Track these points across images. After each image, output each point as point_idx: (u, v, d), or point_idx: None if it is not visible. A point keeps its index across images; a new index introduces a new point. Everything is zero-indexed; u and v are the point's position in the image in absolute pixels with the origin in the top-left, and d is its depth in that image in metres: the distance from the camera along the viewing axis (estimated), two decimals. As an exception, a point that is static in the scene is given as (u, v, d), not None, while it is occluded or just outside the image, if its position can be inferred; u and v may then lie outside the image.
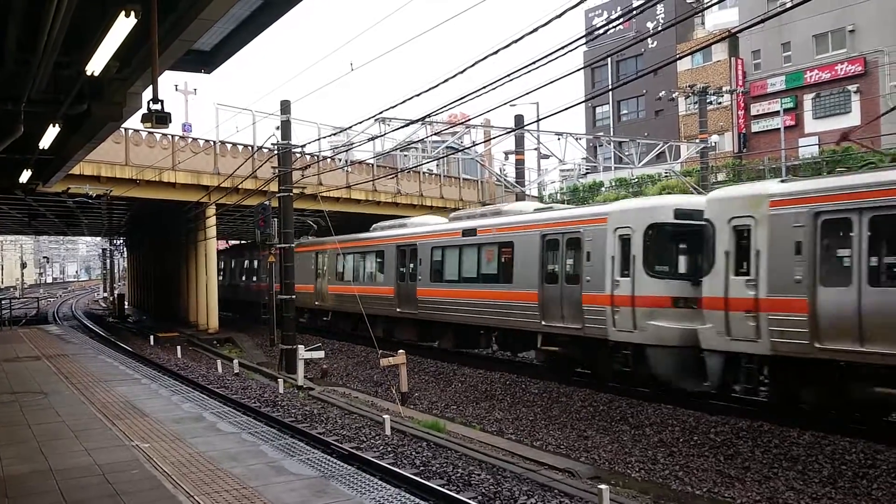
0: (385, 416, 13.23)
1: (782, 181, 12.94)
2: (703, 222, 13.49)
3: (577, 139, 35.60)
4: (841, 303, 10.96)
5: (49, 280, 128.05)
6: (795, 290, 11.62)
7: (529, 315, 17.24)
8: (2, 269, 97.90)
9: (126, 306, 50.76)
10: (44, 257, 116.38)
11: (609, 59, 47.44)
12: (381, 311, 23.24)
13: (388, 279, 23.71)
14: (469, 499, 8.69)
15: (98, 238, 74.85)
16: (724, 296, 12.78)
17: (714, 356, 13.08)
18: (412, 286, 22.20)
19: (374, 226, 27.14)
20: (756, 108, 43.42)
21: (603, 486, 8.45)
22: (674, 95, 37.00)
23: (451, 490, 9.09)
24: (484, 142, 36.24)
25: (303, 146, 23.15)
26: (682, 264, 14.85)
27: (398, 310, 22.88)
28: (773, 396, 12.76)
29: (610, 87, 46.22)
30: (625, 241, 14.88)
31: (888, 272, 10.63)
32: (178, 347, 26.13)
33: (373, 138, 27.89)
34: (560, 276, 16.62)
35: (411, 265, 22.54)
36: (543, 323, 16.82)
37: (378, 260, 24.71)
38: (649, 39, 44.45)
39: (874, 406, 11.34)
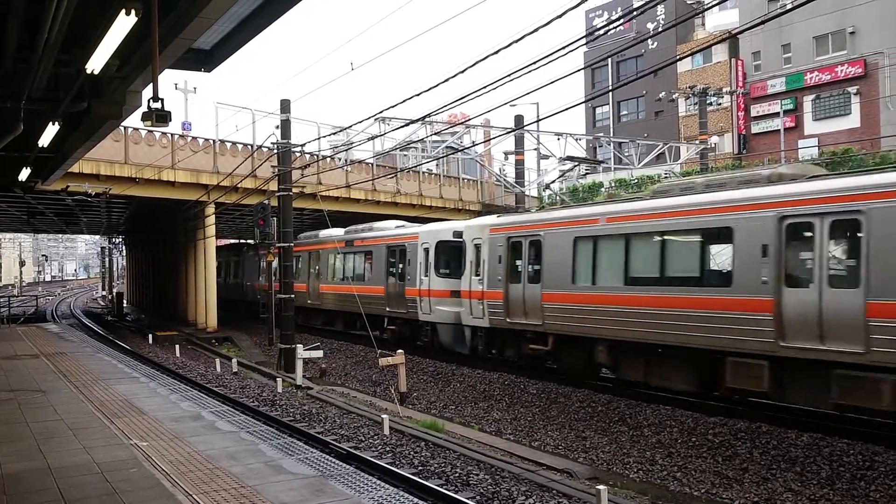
0: (383, 416, 13.23)
1: (499, 216, 20.20)
2: (462, 240, 20.03)
3: (577, 139, 35.60)
4: (517, 293, 17.71)
5: (48, 278, 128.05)
6: (498, 286, 18.24)
7: (380, 304, 23.56)
8: (0, 267, 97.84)
9: (125, 305, 50.73)
10: (42, 255, 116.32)
11: (609, 59, 47.46)
12: (300, 303, 26.82)
13: (305, 278, 29.32)
14: (467, 499, 8.69)
15: (97, 236, 74.84)
16: (469, 289, 19.36)
17: (467, 329, 19.93)
18: (318, 284, 28.73)
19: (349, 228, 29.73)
20: (756, 110, 43.43)
21: (601, 487, 8.45)
22: (674, 96, 37.04)
23: (449, 490, 9.09)
24: (484, 142, 36.24)
25: (302, 145, 23.14)
26: (455, 268, 20.58)
27: (309, 301, 29.03)
28: (487, 352, 19.21)
29: (610, 87, 46.26)
30: (426, 252, 21.49)
31: (534, 274, 17.36)
32: (177, 346, 26.13)
33: (372, 138, 27.89)
34: (396, 276, 23.07)
35: (317, 267, 29.26)
36: (388, 309, 23.32)
37: (303, 261, 30.04)
38: (649, 40, 44.46)
39: (535, 358, 17.82)
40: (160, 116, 8.89)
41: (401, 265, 22.71)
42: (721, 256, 13.12)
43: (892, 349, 10.07)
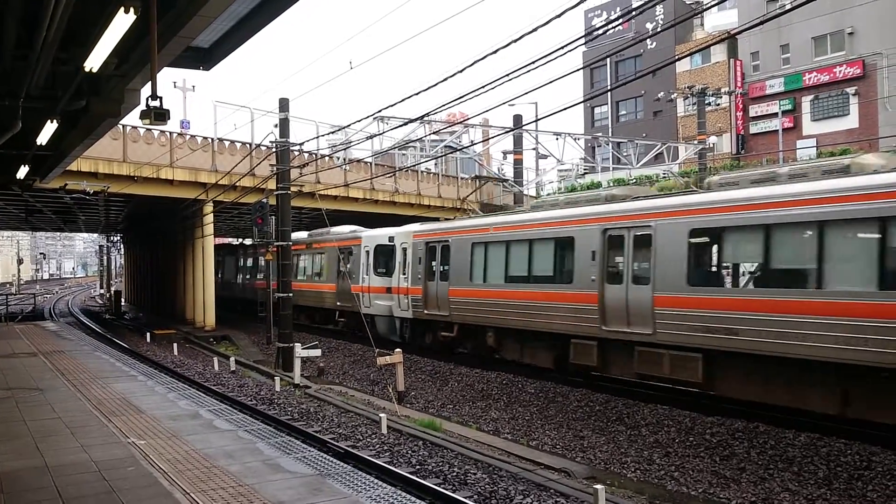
0: (381, 415, 13.23)
1: (422, 224, 23.20)
2: (394, 244, 23.07)
3: (575, 139, 35.64)
4: (432, 289, 20.63)
5: (46, 276, 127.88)
6: (419, 283, 21.21)
7: (332, 299, 26.82)
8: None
9: (123, 303, 50.68)
10: (40, 253, 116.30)
11: (608, 59, 47.46)
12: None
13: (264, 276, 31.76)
14: (465, 498, 8.69)
15: (95, 235, 74.78)
16: (398, 286, 22.45)
17: (397, 320, 23.16)
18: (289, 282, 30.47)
19: (312, 231, 32.78)
20: (754, 110, 43.48)
21: (599, 486, 8.45)
22: (672, 96, 37.08)
23: (446, 489, 9.09)
24: (482, 141, 36.26)
25: (301, 144, 23.12)
26: (389, 268, 23.44)
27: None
28: (411, 340, 22.18)
29: (609, 87, 46.26)
30: (367, 254, 24.57)
31: (441, 273, 20.25)
32: (175, 345, 26.11)
33: (371, 137, 27.90)
34: (344, 275, 25.53)
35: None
36: (338, 304, 26.55)
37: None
38: (648, 40, 44.49)
39: (445, 343, 20.60)
40: (158, 115, 8.89)
41: (348, 265, 25.79)
42: (567, 260, 16.26)
43: (669, 331, 13.38)
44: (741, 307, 12.14)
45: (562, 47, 10.08)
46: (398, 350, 16.97)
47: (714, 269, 13.47)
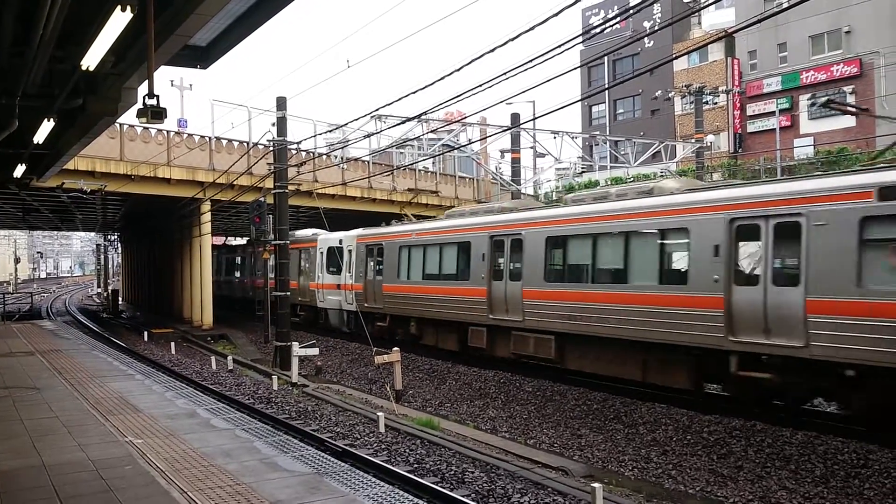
0: (379, 414, 13.23)
1: (365, 229, 25.47)
2: (342, 246, 25.91)
3: (573, 138, 35.62)
4: (370, 286, 23.57)
5: (43, 275, 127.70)
6: (360, 280, 24.23)
7: (295, 294, 27.78)
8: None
9: (120, 302, 50.62)
10: (38, 252, 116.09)
11: (605, 58, 47.49)
12: (257, 296, 32.23)
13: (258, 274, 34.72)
14: (462, 496, 8.69)
15: (92, 233, 74.64)
16: (345, 283, 25.55)
17: (344, 313, 26.21)
18: (259, 280, 31.88)
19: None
20: (752, 109, 43.49)
21: (596, 485, 8.46)
22: (670, 95, 37.06)
23: (444, 488, 9.09)
24: (480, 140, 36.24)
25: (298, 143, 23.09)
26: (339, 267, 26.21)
27: (251, 294, 35.26)
28: (356, 330, 23.32)
29: (606, 86, 46.27)
30: (321, 255, 27.37)
31: (377, 272, 23.23)
32: (172, 343, 26.08)
33: (369, 135, 27.89)
34: (304, 273, 29.06)
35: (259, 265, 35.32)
36: (300, 299, 28.78)
37: (249, 260, 37.71)
38: (646, 39, 44.50)
39: (381, 332, 22.47)
40: (155, 113, 8.88)
41: (307, 264, 29.12)
42: (465, 259, 19.18)
43: (533, 318, 16.44)
44: (580, 299, 15.17)
45: (559, 46, 10.08)
46: (395, 349, 16.98)
47: (561, 268, 16.24)
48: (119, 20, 7.94)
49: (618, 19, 12.41)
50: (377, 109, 17.36)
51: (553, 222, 16.35)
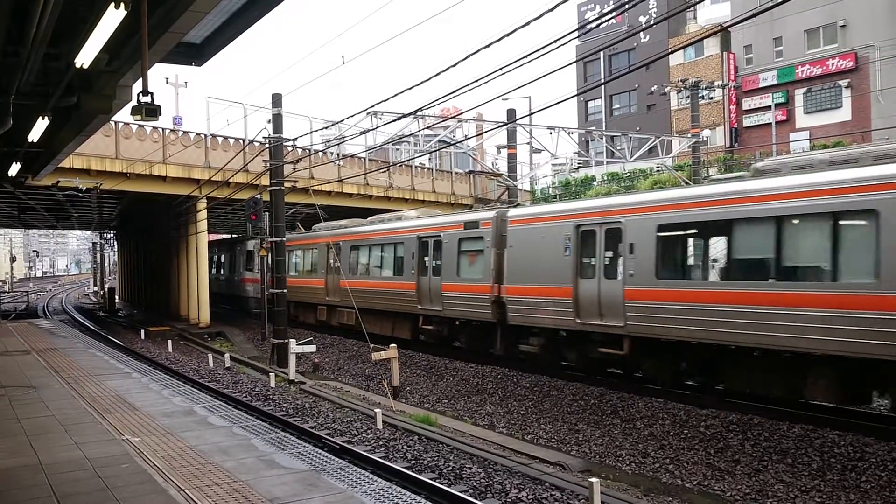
0: (377, 410, 13.23)
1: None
2: (253, 250, 32.74)
3: (569, 133, 35.58)
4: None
5: (39, 274, 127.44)
6: (257, 276, 29.14)
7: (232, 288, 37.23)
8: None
9: (116, 300, 50.55)
10: (33, 251, 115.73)
11: (601, 53, 47.44)
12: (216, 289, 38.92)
13: (221, 271, 42.55)
14: (460, 492, 8.70)
15: (88, 232, 74.45)
16: (253, 277, 30.63)
17: (252, 300, 33.13)
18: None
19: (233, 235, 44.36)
20: (748, 103, 43.52)
21: (594, 480, 8.47)
22: (666, 90, 37.09)
23: (442, 483, 9.10)
24: (476, 136, 36.20)
25: (294, 139, 23.03)
26: (253, 266, 33.77)
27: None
28: (258, 311, 28.38)
29: (602, 81, 46.22)
30: (248, 254, 35.09)
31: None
32: (169, 341, 26.05)
33: (365, 132, 27.82)
34: (232, 269, 38.97)
35: (219, 261, 42.99)
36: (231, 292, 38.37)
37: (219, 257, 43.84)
38: (642, 34, 44.48)
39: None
40: (150, 111, 8.85)
41: (237, 262, 38.03)
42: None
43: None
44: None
45: (555, 41, 10.06)
46: (393, 345, 16.97)
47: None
48: (113, 17, 7.91)
49: (613, 14, 12.41)
50: (373, 106, 17.33)
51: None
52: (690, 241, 13.68)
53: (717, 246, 12.83)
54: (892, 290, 10.08)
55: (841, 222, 10.97)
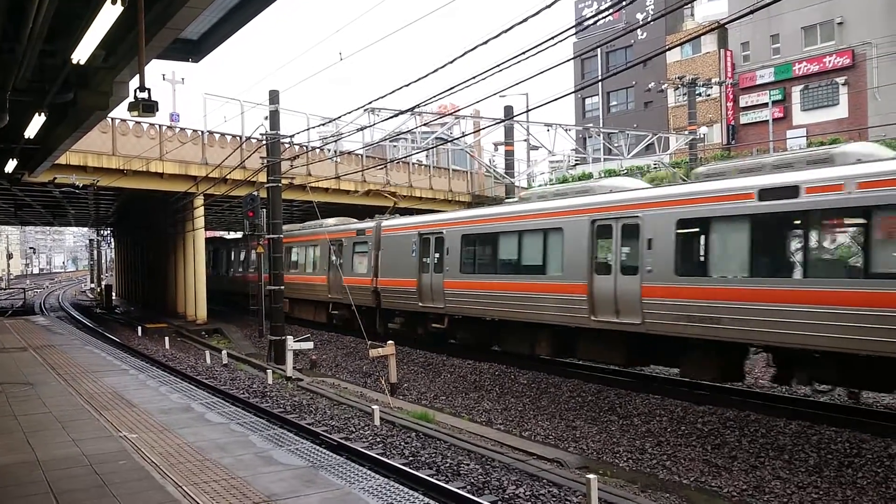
0: (374, 407, 13.23)
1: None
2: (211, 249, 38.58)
3: (566, 130, 35.59)
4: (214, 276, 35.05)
5: (36, 271, 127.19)
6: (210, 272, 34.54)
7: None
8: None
9: (114, 297, 50.49)
10: (30, 248, 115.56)
11: (598, 50, 47.44)
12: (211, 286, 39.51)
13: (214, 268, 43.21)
14: (458, 488, 8.71)
15: (85, 228, 74.38)
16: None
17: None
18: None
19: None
20: (745, 100, 43.56)
21: (591, 476, 8.48)
22: (663, 87, 37.10)
23: (439, 480, 9.11)
24: (473, 132, 36.19)
25: (292, 136, 23.01)
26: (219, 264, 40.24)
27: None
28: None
29: (599, 77, 46.23)
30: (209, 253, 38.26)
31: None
32: (167, 338, 26.02)
33: (362, 129, 27.79)
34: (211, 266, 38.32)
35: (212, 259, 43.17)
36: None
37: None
38: (638, 30, 44.46)
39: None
40: (147, 107, 8.83)
41: (218, 259, 41.12)
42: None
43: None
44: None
45: (552, 38, 10.06)
46: (391, 342, 16.98)
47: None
48: (109, 13, 7.88)
49: (610, 11, 12.41)
50: (370, 102, 17.28)
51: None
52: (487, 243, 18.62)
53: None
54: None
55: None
